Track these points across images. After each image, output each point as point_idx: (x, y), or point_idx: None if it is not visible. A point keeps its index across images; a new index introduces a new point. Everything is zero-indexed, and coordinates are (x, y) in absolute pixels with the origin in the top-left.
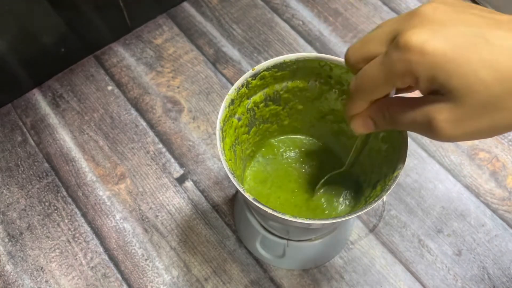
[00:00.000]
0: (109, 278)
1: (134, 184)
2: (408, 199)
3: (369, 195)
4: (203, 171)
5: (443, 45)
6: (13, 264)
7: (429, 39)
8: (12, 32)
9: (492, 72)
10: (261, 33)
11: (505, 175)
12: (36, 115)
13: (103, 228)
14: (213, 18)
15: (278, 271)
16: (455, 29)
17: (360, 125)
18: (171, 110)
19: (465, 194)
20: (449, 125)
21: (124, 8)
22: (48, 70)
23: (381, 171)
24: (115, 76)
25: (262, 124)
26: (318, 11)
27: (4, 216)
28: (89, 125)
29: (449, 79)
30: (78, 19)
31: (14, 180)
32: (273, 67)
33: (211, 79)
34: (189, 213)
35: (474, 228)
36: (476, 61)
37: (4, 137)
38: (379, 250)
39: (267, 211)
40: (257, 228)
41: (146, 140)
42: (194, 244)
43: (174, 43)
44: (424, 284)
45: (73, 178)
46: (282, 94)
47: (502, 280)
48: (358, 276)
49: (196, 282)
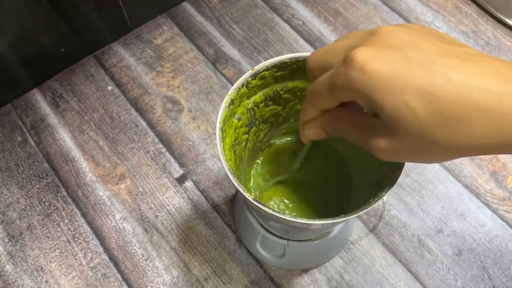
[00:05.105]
0: (109, 278)
1: (134, 184)
2: (408, 199)
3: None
4: (203, 171)
5: (383, 68)
6: (13, 264)
7: (372, 59)
8: (12, 32)
9: (425, 103)
10: (261, 33)
11: (505, 175)
12: (36, 115)
13: (103, 228)
14: (213, 18)
15: (278, 271)
16: (403, 54)
17: (311, 133)
18: (171, 110)
19: (465, 194)
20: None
21: (124, 8)
22: (48, 70)
23: (381, 171)
24: (115, 76)
25: (262, 124)
26: (318, 11)
27: (4, 216)
28: (89, 125)
29: (383, 104)
30: (78, 19)
31: (14, 180)
32: (273, 67)
33: (211, 79)
34: (189, 213)
35: (474, 228)
36: (412, 90)
37: (4, 137)
38: (379, 250)
39: (267, 211)
40: (257, 228)
41: (146, 140)
42: (194, 244)
43: (174, 43)
44: (424, 284)
45: (73, 178)
46: (282, 94)
47: (502, 280)
48: (358, 276)
49: (196, 282)
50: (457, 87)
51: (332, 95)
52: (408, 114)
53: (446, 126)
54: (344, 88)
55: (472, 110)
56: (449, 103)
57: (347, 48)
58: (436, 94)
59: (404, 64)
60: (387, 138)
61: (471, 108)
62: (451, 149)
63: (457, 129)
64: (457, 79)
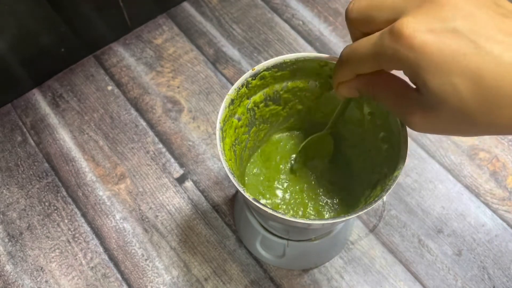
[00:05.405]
0: (109, 278)
1: (134, 184)
2: (408, 199)
3: (369, 195)
4: (203, 171)
5: (433, 45)
6: (13, 264)
7: (422, 33)
8: (12, 32)
9: (471, 86)
10: (261, 33)
11: (505, 175)
12: (36, 115)
13: (103, 228)
14: (213, 18)
15: (278, 271)
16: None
17: (345, 92)
18: (171, 110)
19: (465, 194)
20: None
21: (124, 8)
22: (48, 70)
23: (381, 171)
24: (115, 76)
25: (262, 124)
26: (318, 11)
27: (4, 216)
28: (89, 125)
29: (428, 82)
30: (78, 19)
31: (14, 180)
32: (273, 67)
33: (211, 79)
34: (189, 213)
35: (474, 228)
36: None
37: (4, 137)
38: (379, 250)
39: (267, 211)
40: (257, 228)
41: (146, 140)
42: (194, 244)
43: (174, 43)
44: (424, 284)
45: (73, 178)
46: (282, 94)
47: (502, 280)
48: (358, 276)
49: (196, 282)
50: (506, 72)
51: (376, 63)
52: (453, 95)
53: (490, 108)
54: (390, 60)
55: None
56: (497, 88)
57: (396, 9)
58: (484, 78)
59: (455, 42)
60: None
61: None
62: (488, 128)
63: (499, 111)
64: (508, 62)
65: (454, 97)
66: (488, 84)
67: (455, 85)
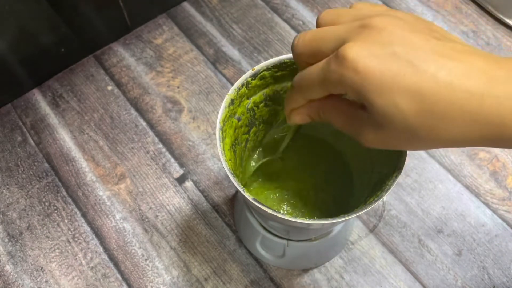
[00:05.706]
0: (109, 278)
1: (134, 184)
2: (408, 199)
3: (369, 195)
4: (203, 171)
5: (375, 67)
6: (13, 264)
7: (364, 57)
8: (12, 32)
9: (412, 104)
10: (261, 33)
11: (505, 175)
12: (36, 115)
13: (103, 228)
14: (213, 18)
15: (278, 271)
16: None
17: (297, 119)
18: (171, 110)
19: (465, 194)
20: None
21: (124, 8)
22: (48, 70)
23: (381, 171)
24: (115, 76)
25: (262, 124)
26: (318, 11)
27: (4, 216)
28: (89, 125)
29: (374, 103)
30: (78, 19)
31: (14, 180)
32: (273, 67)
33: (211, 79)
34: (189, 213)
35: (474, 228)
36: (401, 91)
37: (4, 137)
38: (379, 250)
39: (267, 211)
40: (257, 228)
41: (146, 140)
42: (194, 244)
43: (174, 43)
44: (424, 284)
45: (73, 178)
46: (282, 94)
47: (502, 280)
48: (358, 276)
49: (196, 282)
50: (443, 88)
51: (323, 88)
52: (396, 113)
53: (431, 124)
54: (336, 84)
55: (455, 110)
56: (435, 104)
57: (338, 38)
58: (423, 95)
59: (395, 64)
60: (374, 130)
61: (455, 109)
62: (433, 143)
63: (440, 126)
64: (444, 80)
65: (398, 115)
66: (428, 101)
67: (397, 104)
